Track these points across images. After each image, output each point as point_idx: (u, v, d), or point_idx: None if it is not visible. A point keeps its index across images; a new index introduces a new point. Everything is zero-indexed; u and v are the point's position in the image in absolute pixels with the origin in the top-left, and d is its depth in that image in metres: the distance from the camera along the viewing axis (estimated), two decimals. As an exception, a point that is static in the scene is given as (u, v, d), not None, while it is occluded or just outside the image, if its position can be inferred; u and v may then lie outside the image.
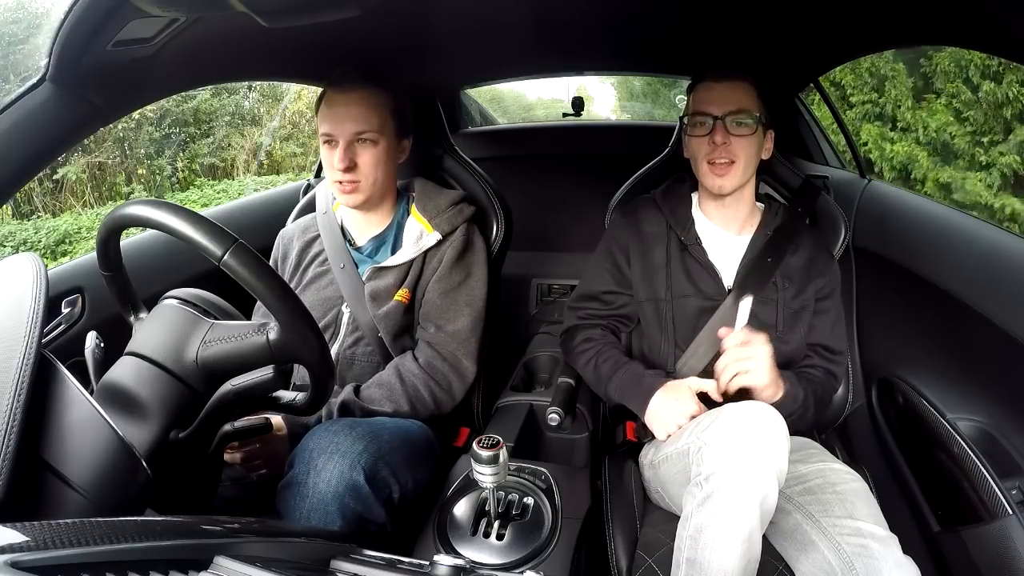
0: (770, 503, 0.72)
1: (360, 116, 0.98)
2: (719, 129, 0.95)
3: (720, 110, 0.95)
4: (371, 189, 1.02)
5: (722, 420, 0.77)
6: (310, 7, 0.64)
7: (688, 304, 1.00)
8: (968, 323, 0.99)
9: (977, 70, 4.31)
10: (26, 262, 0.56)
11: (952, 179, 4.49)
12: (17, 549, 0.31)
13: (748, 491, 0.70)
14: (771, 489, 0.71)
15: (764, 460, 0.71)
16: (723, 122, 0.95)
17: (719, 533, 0.71)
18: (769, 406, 0.77)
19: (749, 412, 0.76)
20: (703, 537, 0.72)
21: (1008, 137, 4.29)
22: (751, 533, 0.71)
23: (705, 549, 0.71)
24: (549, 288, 2.05)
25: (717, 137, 0.95)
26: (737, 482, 0.71)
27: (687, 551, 0.73)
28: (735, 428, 0.74)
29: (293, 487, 0.78)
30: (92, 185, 5.95)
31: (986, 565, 0.88)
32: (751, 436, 0.73)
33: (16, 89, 0.73)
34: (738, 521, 0.70)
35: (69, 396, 0.50)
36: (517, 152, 2.17)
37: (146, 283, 0.95)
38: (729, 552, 0.70)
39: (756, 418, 0.75)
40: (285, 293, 0.62)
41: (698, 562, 0.71)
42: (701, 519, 0.72)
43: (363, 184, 1.00)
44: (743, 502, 0.70)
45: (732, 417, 0.76)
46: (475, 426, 1.20)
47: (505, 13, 1.09)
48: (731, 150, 0.95)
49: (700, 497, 0.73)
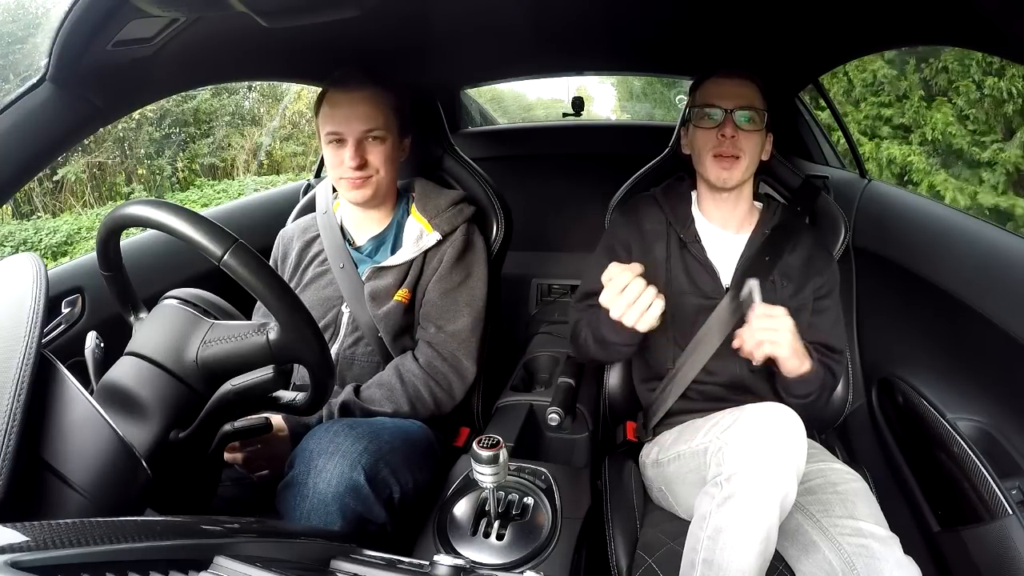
0: (788, 502, 0.72)
1: (368, 114, 1.00)
2: (728, 122, 0.96)
3: (731, 103, 0.96)
4: (379, 184, 1.03)
5: (743, 421, 0.77)
6: (310, 7, 0.63)
7: (687, 302, 1.00)
8: (968, 323, 0.99)
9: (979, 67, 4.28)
10: (26, 262, 0.56)
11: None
12: (17, 549, 0.31)
13: (770, 491, 0.70)
14: (791, 488, 0.72)
15: (785, 460, 0.71)
16: (732, 116, 0.96)
17: (740, 533, 0.70)
18: (786, 407, 0.77)
19: (769, 412, 0.76)
20: (722, 537, 0.71)
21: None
22: (769, 532, 0.71)
23: (725, 550, 0.71)
24: (549, 288, 2.05)
25: (727, 130, 0.96)
26: (759, 482, 0.71)
27: (704, 552, 0.73)
28: (756, 428, 0.74)
29: (293, 487, 0.78)
30: (92, 185, 5.95)
31: (986, 565, 0.88)
32: (772, 436, 0.73)
33: (16, 89, 0.73)
34: (759, 521, 0.70)
35: (69, 396, 0.50)
36: (517, 152, 2.17)
37: (146, 283, 0.95)
38: (748, 552, 0.70)
39: (776, 418, 0.75)
40: (285, 293, 0.62)
41: (716, 563, 0.71)
42: (721, 520, 0.72)
43: (374, 179, 1.02)
44: (765, 502, 0.70)
45: (752, 417, 0.76)
46: (475, 426, 1.20)
47: (505, 13, 1.09)
48: (738, 144, 0.96)
49: (720, 497, 0.73)
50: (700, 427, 0.87)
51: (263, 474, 0.90)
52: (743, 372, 0.98)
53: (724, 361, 0.98)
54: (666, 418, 1.03)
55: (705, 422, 0.87)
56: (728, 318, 0.95)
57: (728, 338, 0.96)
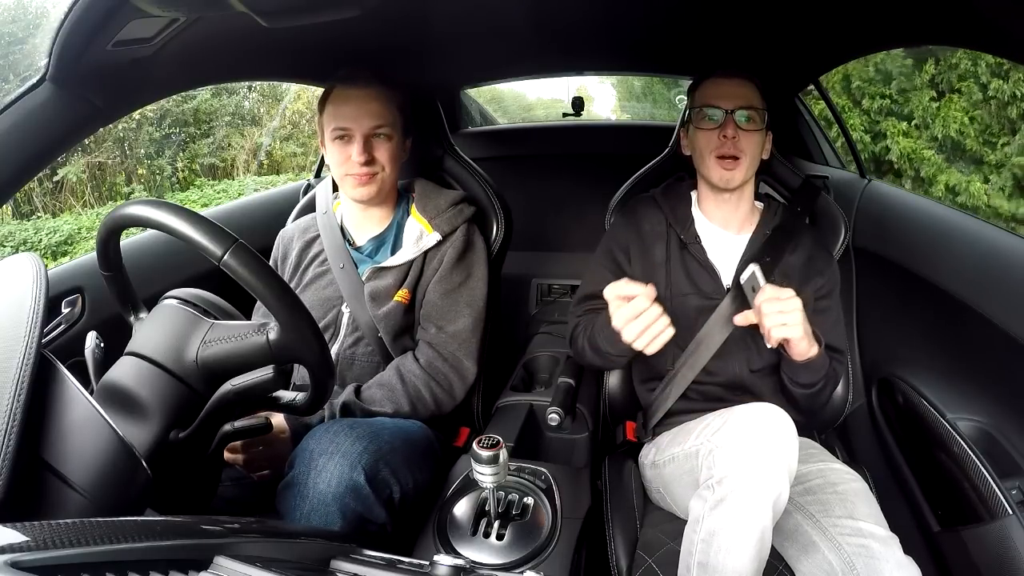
0: (782, 503, 0.72)
1: (376, 111, 1.01)
2: (729, 123, 0.96)
3: (731, 104, 0.96)
4: (384, 181, 1.04)
5: (732, 423, 0.77)
6: (310, 7, 0.63)
7: (687, 303, 1.00)
8: (968, 323, 0.99)
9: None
10: (26, 262, 0.56)
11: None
12: (17, 549, 0.31)
13: (762, 493, 0.70)
14: (784, 489, 0.71)
15: (776, 461, 0.71)
16: (732, 116, 0.96)
17: (733, 536, 0.70)
18: (776, 407, 0.77)
19: (758, 413, 0.76)
20: (716, 541, 0.71)
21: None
22: (763, 533, 0.71)
23: (719, 553, 0.71)
24: (549, 288, 2.05)
25: (728, 131, 0.96)
26: (751, 484, 0.71)
27: (699, 555, 0.73)
28: (746, 430, 0.74)
29: (293, 487, 0.78)
30: (92, 185, 5.95)
31: (986, 565, 0.88)
32: (762, 437, 0.73)
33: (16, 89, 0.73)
34: (752, 523, 0.70)
35: (69, 396, 0.50)
36: (517, 152, 2.17)
37: (146, 283, 0.95)
38: (743, 554, 0.70)
39: (765, 419, 0.75)
40: (285, 293, 0.62)
41: (711, 566, 0.71)
42: (714, 523, 0.72)
43: (379, 176, 1.03)
44: (757, 504, 0.70)
45: (742, 419, 0.76)
46: (475, 426, 1.20)
47: (505, 13, 1.09)
48: (739, 145, 0.96)
49: (712, 501, 0.73)
50: (692, 429, 0.87)
51: (263, 474, 0.90)
52: (743, 372, 0.98)
53: (724, 361, 0.98)
54: (666, 418, 1.03)
55: (697, 424, 0.87)
56: (728, 318, 0.95)
57: (728, 338, 0.96)
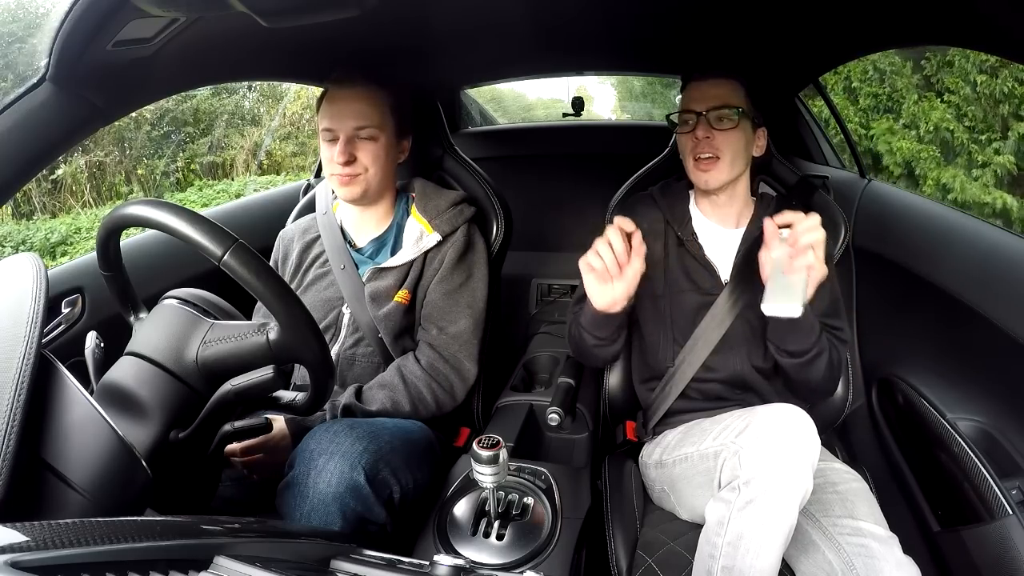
0: (806, 499, 0.73)
1: (360, 112, 1.00)
2: (702, 124, 0.96)
3: (702, 106, 0.97)
4: (369, 183, 1.03)
5: (756, 424, 0.77)
6: (310, 7, 0.63)
7: (686, 299, 1.00)
8: (968, 323, 0.99)
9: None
10: (26, 262, 0.56)
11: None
12: (17, 549, 0.31)
13: (791, 492, 0.71)
14: (809, 487, 0.72)
15: (803, 459, 0.72)
16: (706, 118, 0.96)
17: (763, 537, 0.70)
18: (796, 408, 0.78)
19: (782, 413, 0.77)
20: (744, 543, 0.71)
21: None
22: (789, 532, 0.71)
23: (748, 554, 0.71)
24: (549, 288, 2.05)
25: (699, 132, 0.96)
26: (780, 485, 0.71)
27: (723, 559, 0.72)
28: (771, 431, 0.75)
29: (293, 487, 0.78)
30: (91, 185, 5.94)
31: (986, 565, 0.88)
32: (788, 437, 0.73)
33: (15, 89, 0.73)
34: (781, 523, 0.70)
35: (69, 396, 0.50)
36: (517, 152, 2.17)
37: (146, 283, 0.95)
38: (771, 555, 0.70)
39: (789, 419, 0.76)
40: (285, 293, 0.62)
41: (737, 568, 0.71)
42: (742, 525, 0.72)
43: (361, 177, 1.02)
44: (786, 504, 0.71)
45: (766, 420, 0.76)
46: (475, 426, 1.20)
47: (505, 13, 1.09)
48: (714, 144, 0.96)
49: (740, 502, 0.73)
50: (708, 429, 0.87)
51: (263, 474, 0.90)
52: (743, 368, 0.98)
53: (724, 356, 0.98)
54: (666, 417, 1.03)
55: (713, 424, 0.87)
56: (727, 313, 0.96)
57: (729, 333, 0.96)
